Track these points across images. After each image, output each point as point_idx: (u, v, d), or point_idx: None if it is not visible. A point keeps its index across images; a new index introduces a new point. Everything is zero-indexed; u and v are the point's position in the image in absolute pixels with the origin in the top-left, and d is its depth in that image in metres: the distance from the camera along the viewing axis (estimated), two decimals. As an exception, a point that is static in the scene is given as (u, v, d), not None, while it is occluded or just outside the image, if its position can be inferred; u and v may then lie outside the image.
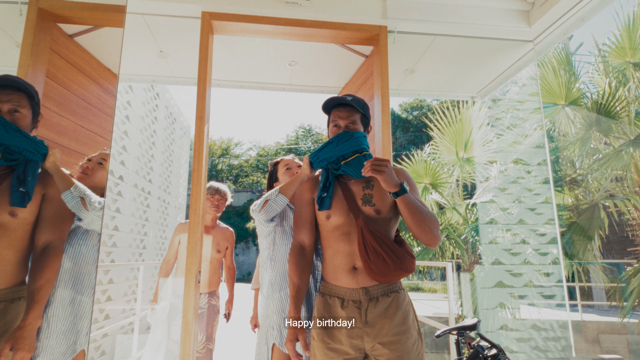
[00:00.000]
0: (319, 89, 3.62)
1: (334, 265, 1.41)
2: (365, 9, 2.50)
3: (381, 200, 1.43)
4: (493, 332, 4.02)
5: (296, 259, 1.46)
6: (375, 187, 1.45)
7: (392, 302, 1.35)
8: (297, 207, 1.55)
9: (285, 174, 1.89)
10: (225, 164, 30.11)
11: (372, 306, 1.33)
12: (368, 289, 1.35)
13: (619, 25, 4.86)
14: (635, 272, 4.58)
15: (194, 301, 2.06)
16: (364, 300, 1.34)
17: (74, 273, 1.52)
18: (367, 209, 1.42)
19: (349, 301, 1.36)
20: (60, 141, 2.23)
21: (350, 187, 1.48)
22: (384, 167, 1.28)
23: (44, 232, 1.45)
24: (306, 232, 1.49)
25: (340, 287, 1.38)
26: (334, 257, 1.42)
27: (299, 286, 1.42)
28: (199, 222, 2.19)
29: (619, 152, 4.87)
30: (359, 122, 1.50)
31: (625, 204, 4.88)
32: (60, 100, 2.34)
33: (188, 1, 2.36)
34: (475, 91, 3.64)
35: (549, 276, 3.95)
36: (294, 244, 1.51)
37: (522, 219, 4.20)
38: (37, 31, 2.23)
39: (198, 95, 2.34)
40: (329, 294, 1.42)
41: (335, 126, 1.49)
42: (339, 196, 1.46)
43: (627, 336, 5.83)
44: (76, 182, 1.52)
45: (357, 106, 1.48)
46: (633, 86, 5.00)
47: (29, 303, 1.35)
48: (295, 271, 1.44)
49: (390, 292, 1.37)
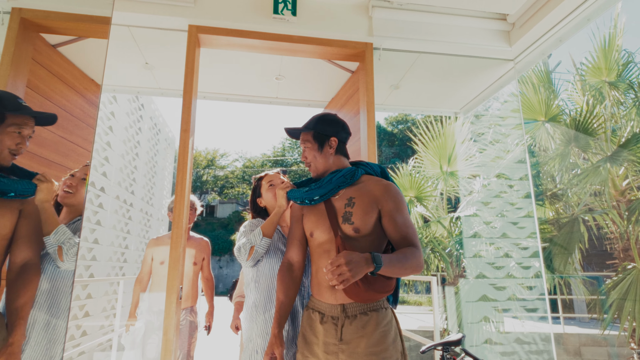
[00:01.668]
0: (306, 103, 3.64)
1: (317, 280, 1.43)
2: (351, 26, 2.54)
3: (361, 219, 1.39)
4: (478, 346, 4.04)
5: (283, 276, 1.50)
6: (356, 205, 1.42)
7: (369, 320, 1.33)
8: (290, 223, 1.58)
9: (269, 190, 1.87)
10: (210, 175, 29.83)
11: (349, 323, 1.33)
12: (346, 306, 1.35)
13: (595, 46, 5.06)
14: (614, 285, 4.67)
15: (175, 318, 2.01)
16: (341, 317, 1.35)
17: (51, 295, 1.47)
18: (346, 227, 1.40)
19: (328, 317, 1.37)
20: (41, 153, 2.17)
21: (334, 204, 1.48)
22: (344, 275, 1.13)
23: (21, 250, 1.41)
24: (295, 249, 1.52)
25: (323, 302, 1.40)
26: (317, 273, 1.44)
27: (283, 303, 1.46)
28: (182, 236, 2.15)
29: (597, 167, 5.01)
30: (312, 141, 1.56)
31: (603, 218, 5.01)
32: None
33: (175, 14, 2.36)
34: (459, 107, 3.72)
35: (532, 290, 4.00)
36: (283, 261, 1.54)
37: (505, 233, 4.26)
38: (19, 41, 2.19)
39: (183, 108, 2.32)
40: (312, 308, 1.44)
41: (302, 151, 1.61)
42: (322, 213, 1.47)
43: (608, 348, 5.91)
44: (58, 227, 1.47)
45: (304, 129, 1.58)
46: (609, 104, 5.18)
47: (13, 320, 1.33)
48: (280, 288, 1.47)
49: (369, 311, 1.35)
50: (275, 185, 1.86)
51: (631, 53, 5.18)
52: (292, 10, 2.43)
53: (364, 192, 1.45)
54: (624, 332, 4.61)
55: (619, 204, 5.00)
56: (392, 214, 1.40)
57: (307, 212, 1.53)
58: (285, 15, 2.43)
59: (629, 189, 5.00)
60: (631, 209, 4.82)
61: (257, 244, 1.67)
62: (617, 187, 5.02)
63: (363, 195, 1.44)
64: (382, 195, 1.43)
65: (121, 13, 2.33)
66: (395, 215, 1.40)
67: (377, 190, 1.45)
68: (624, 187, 5.02)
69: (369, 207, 1.41)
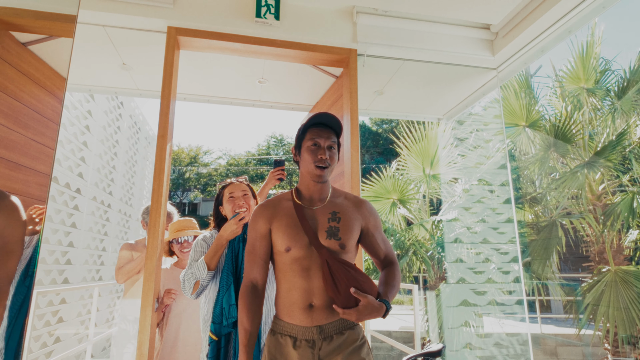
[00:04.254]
0: (290, 107, 3.59)
1: (290, 301, 1.30)
2: (335, 32, 2.50)
3: (348, 234, 1.33)
4: (458, 351, 4.08)
5: (248, 301, 1.32)
6: (343, 220, 1.35)
7: (346, 339, 1.29)
8: (251, 239, 1.39)
9: (229, 202, 1.75)
10: (193, 173, 29.42)
11: (326, 345, 1.27)
12: (323, 327, 1.28)
13: (573, 54, 5.16)
14: (589, 287, 4.79)
15: (149, 331, 1.94)
16: (318, 339, 1.27)
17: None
18: (332, 242, 1.31)
19: (302, 340, 1.27)
20: (9, 156, 2.07)
21: (315, 217, 1.36)
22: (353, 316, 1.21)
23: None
24: (259, 269, 1.36)
25: (294, 324, 1.29)
26: (289, 293, 1.31)
27: (251, 333, 1.30)
28: (158, 246, 2.08)
29: (575, 172, 5.13)
30: (336, 147, 1.39)
31: (580, 221, 5.13)
32: (9, 112, 2.18)
33: (153, 15, 2.27)
34: (442, 113, 3.73)
35: (512, 294, 4.06)
36: (245, 284, 1.36)
37: (485, 238, 4.31)
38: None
39: (161, 112, 2.25)
40: (280, 332, 1.31)
41: (314, 144, 1.36)
42: (296, 226, 1.34)
43: (582, 348, 6.08)
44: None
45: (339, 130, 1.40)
46: (587, 110, 5.31)
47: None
48: (247, 315, 1.30)
49: (345, 329, 1.30)
50: (235, 198, 1.75)
51: (608, 61, 5.32)
52: (275, 15, 2.38)
53: (346, 208, 1.39)
54: (598, 332, 4.74)
55: (595, 208, 5.13)
56: (375, 231, 1.40)
57: (277, 225, 1.36)
58: (268, 19, 2.37)
59: (604, 194, 5.14)
60: (606, 213, 4.95)
61: (202, 278, 1.59)
62: (594, 191, 5.15)
63: (346, 211, 1.38)
64: (365, 213, 1.40)
65: (96, 12, 2.24)
66: (377, 232, 1.40)
67: (358, 207, 1.42)
68: (600, 191, 5.15)
69: (354, 223, 1.37)
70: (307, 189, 1.40)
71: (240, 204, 1.73)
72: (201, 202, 27.72)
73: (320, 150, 1.34)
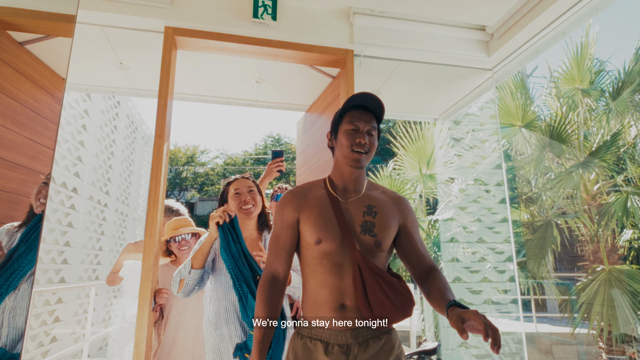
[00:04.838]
0: (287, 106, 3.61)
1: (319, 300, 1.17)
2: (332, 32, 2.52)
3: (385, 231, 1.20)
4: (454, 350, 4.10)
5: (267, 294, 1.19)
6: (379, 216, 1.21)
7: (384, 345, 1.16)
8: (276, 228, 1.26)
9: (234, 198, 1.73)
10: (190, 172, 29.36)
11: (362, 351, 1.13)
12: (357, 330, 1.13)
13: (568, 55, 5.20)
14: (584, 286, 4.83)
15: (147, 331, 1.95)
16: (353, 344, 1.13)
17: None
18: (367, 238, 1.18)
19: (334, 345, 1.13)
20: (6, 156, 2.07)
21: (348, 209, 1.23)
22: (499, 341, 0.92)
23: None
24: (282, 261, 1.23)
25: (325, 328, 1.15)
26: (319, 291, 1.17)
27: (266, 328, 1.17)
28: (155, 245, 2.09)
29: (570, 172, 5.17)
30: (376, 133, 1.28)
31: (575, 221, 5.17)
32: (7, 112, 2.18)
33: (150, 15, 2.28)
34: (438, 113, 3.76)
35: (507, 293, 4.09)
36: (265, 274, 1.23)
37: (481, 238, 4.34)
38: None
39: (158, 112, 2.25)
40: (308, 336, 1.17)
41: (353, 128, 1.24)
42: (329, 217, 1.21)
43: (577, 346, 6.12)
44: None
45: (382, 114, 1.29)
46: (582, 111, 5.35)
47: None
48: (264, 309, 1.17)
49: (382, 334, 1.17)
50: (241, 194, 1.72)
51: (603, 62, 5.36)
52: (272, 15, 2.39)
53: (383, 202, 1.26)
54: (592, 330, 4.78)
55: (590, 207, 5.18)
56: (413, 230, 1.27)
57: (307, 214, 1.23)
58: (265, 20, 2.38)
59: (599, 194, 5.18)
60: (601, 212, 4.99)
61: (187, 277, 1.59)
62: (589, 191, 5.19)
63: (384, 206, 1.25)
64: (404, 210, 1.28)
65: (93, 12, 2.24)
66: (416, 232, 1.27)
67: (396, 202, 1.29)
68: (594, 191, 5.19)
69: (391, 220, 1.23)
70: (340, 177, 1.27)
71: (247, 199, 1.71)
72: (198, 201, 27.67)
73: (359, 134, 1.22)
